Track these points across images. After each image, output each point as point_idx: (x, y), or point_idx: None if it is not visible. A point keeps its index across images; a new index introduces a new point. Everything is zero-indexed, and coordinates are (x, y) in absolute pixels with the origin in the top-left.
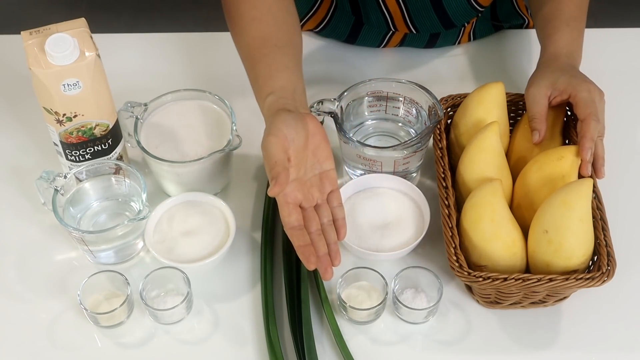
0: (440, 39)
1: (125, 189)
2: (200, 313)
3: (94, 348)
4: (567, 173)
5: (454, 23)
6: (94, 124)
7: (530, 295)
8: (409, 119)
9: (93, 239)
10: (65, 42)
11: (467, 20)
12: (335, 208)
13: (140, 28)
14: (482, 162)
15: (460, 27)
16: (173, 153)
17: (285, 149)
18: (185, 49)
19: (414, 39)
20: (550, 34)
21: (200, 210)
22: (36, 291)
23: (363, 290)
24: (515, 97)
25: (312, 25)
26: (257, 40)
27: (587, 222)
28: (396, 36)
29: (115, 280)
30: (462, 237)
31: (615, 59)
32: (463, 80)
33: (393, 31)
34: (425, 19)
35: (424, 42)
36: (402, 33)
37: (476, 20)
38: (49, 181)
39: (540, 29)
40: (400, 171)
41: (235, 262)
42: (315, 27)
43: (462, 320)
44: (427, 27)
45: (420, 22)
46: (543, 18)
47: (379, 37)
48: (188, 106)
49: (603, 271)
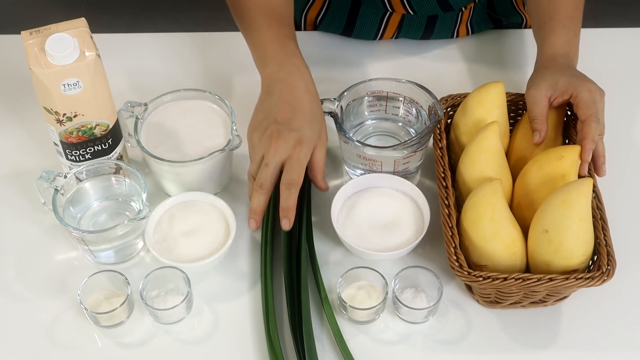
0: (438, 25)
1: (126, 189)
2: (200, 313)
3: (94, 348)
4: (567, 173)
5: (452, 5)
6: (94, 123)
7: (530, 295)
8: (409, 118)
9: (93, 239)
10: (65, 42)
11: (464, 4)
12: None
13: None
14: (482, 162)
15: (457, 11)
16: (173, 153)
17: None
18: (185, 49)
19: (411, 24)
20: (546, 36)
21: (200, 210)
22: (36, 291)
23: (363, 290)
24: (515, 97)
25: (314, 14)
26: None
27: (587, 222)
28: (394, 19)
29: (116, 280)
30: (462, 237)
31: (615, 59)
32: (463, 80)
33: (390, 12)
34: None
35: (422, 28)
36: (400, 15)
37: (473, 7)
38: (49, 181)
39: (537, 29)
40: (400, 171)
41: (235, 262)
42: (317, 15)
43: (462, 320)
44: (424, 7)
45: (417, 1)
46: (539, 19)
47: (377, 19)
48: (188, 106)
49: (603, 271)
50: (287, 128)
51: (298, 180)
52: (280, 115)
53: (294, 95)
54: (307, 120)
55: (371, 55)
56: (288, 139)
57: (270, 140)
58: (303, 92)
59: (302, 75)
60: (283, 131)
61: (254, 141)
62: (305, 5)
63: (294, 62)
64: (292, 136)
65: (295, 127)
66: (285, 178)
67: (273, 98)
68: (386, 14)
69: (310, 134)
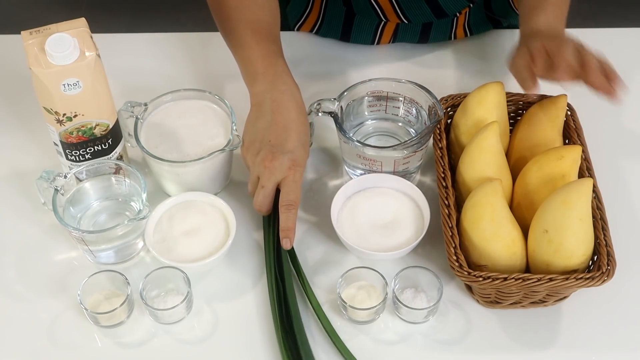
0: (434, 30)
1: (126, 189)
2: (200, 313)
3: (94, 348)
4: (567, 173)
5: (445, 12)
6: (94, 123)
7: (530, 295)
8: (409, 118)
9: (93, 239)
10: (65, 42)
11: (458, 10)
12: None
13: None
14: (482, 162)
15: (452, 17)
16: (173, 153)
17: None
18: (185, 49)
19: (407, 30)
20: (531, 17)
21: (200, 210)
22: (36, 291)
23: (363, 290)
24: (516, 97)
25: (309, 26)
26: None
27: (587, 222)
28: (388, 27)
29: (115, 280)
30: (462, 237)
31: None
32: (463, 80)
33: (385, 21)
34: (416, 10)
35: (417, 34)
36: (394, 23)
37: (469, 11)
38: (49, 181)
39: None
40: (400, 171)
41: (235, 262)
42: (312, 27)
43: (462, 320)
44: (418, 16)
45: (410, 11)
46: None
47: (371, 29)
48: (188, 106)
49: (603, 271)
50: (281, 150)
51: (296, 200)
52: (274, 137)
53: (286, 116)
54: (300, 141)
55: (370, 57)
56: (283, 162)
57: (265, 163)
58: (295, 114)
59: (293, 95)
60: (277, 154)
61: (247, 162)
62: (300, 17)
63: (286, 81)
64: (286, 158)
65: (289, 149)
66: (283, 199)
67: (266, 118)
68: (380, 24)
69: (303, 155)
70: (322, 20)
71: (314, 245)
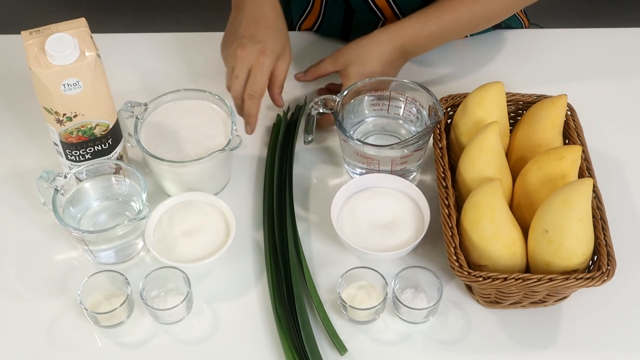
0: None
1: (126, 189)
2: (200, 313)
3: (94, 348)
4: (567, 173)
5: None
6: (94, 123)
7: (530, 295)
8: (409, 118)
9: (93, 239)
10: (65, 42)
11: None
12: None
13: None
14: (482, 162)
15: None
16: (173, 153)
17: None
18: (185, 49)
19: None
20: (403, 21)
21: (200, 210)
22: (36, 291)
23: (363, 290)
24: (516, 97)
25: (310, 23)
26: None
27: (587, 222)
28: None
29: (115, 280)
30: (462, 237)
31: (615, 59)
32: (463, 80)
33: (383, 20)
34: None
35: None
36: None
37: None
38: (49, 181)
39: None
40: (398, 170)
41: (235, 262)
42: (313, 24)
43: (462, 320)
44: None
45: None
46: None
47: (370, 27)
48: (188, 106)
49: (603, 271)
50: (251, 41)
51: (259, 90)
52: (246, 30)
53: (259, 12)
54: (270, 34)
55: None
56: (251, 51)
57: (236, 53)
58: (268, 10)
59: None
60: (247, 44)
61: (223, 56)
62: (302, 14)
63: None
64: (255, 48)
65: (259, 40)
66: (248, 89)
67: (241, 15)
68: (379, 22)
69: (274, 46)
70: (323, 17)
71: (314, 245)
